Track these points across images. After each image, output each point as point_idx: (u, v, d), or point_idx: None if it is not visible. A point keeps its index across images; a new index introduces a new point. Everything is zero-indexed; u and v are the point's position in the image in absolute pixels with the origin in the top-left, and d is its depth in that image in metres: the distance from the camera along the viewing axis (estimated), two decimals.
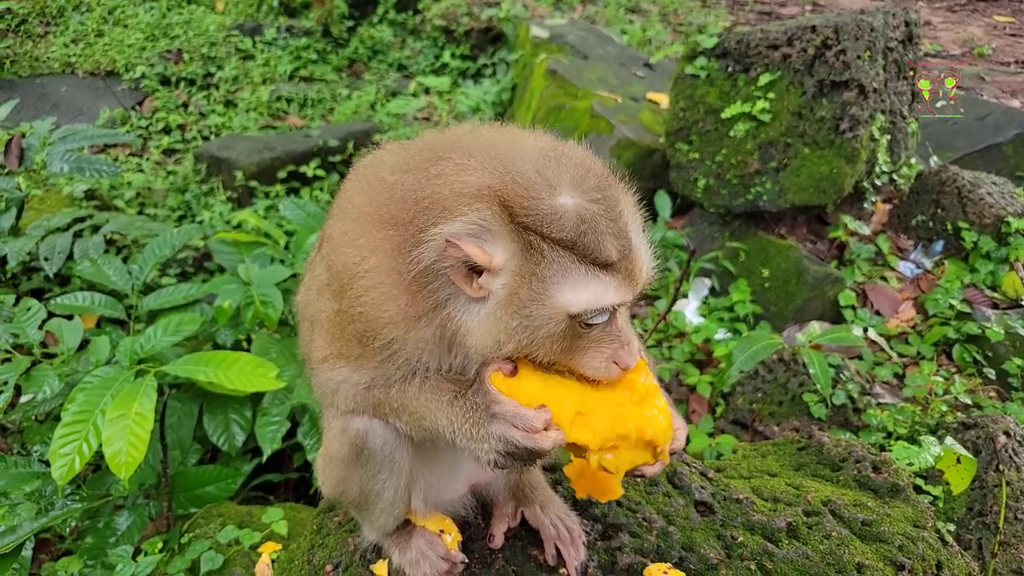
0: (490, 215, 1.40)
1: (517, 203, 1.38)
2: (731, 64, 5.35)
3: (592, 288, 1.40)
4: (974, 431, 3.27)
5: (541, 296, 1.40)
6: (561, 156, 1.46)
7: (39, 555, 3.51)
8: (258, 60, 9.73)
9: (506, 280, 1.42)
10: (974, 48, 9.75)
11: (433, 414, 1.60)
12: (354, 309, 1.57)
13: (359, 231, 1.57)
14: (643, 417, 1.52)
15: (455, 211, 1.41)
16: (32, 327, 3.52)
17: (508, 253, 1.41)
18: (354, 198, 1.65)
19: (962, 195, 5.23)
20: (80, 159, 4.56)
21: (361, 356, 1.64)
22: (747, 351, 3.79)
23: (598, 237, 1.38)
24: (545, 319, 1.42)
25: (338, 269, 1.62)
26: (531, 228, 1.38)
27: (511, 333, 1.44)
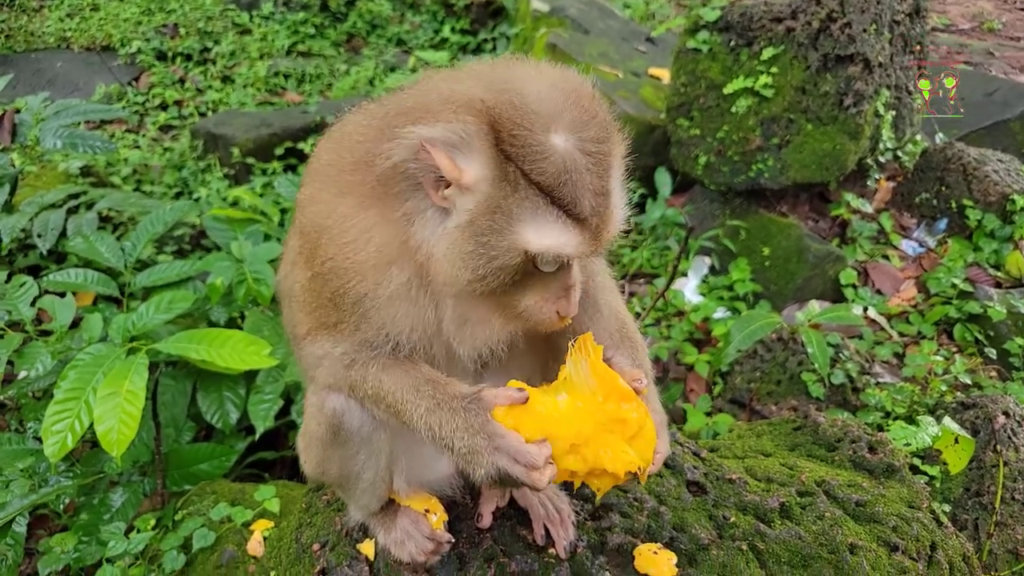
0: (474, 131, 1.34)
1: (507, 128, 1.32)
2: (734, 38, 5.26)
3: (557, 235, 1.36)
4: (973, 411, 3.25)
5: (503, 230, 1.36)
6: (570, 92, 1.39)
7: (37, 531, 3.53)
8: (255, 35, 9.62)
9: (471, 203, 1.37)
10: (983, 22, 9.59)
11: (420, 415, 1.58)
12: (325, 266, 1.54)
13: (325, 186, 1.55)
14: (630, 458, 1.53)
15: (438, 116, 1.36)
16: (25, 304, 3.50)
17: (480, 176, 1.35)
18: (320, 157, 1.63)
19: (967, 172, 5.16)
20: (74, 135, 4.50)
21: (339, 322, 1.60)
22: (745, 330, 3.77)
23: (577, 190, 1.34)
24: (503, 251, 1.37)
25: (308, 229, 1.58)
26: (512, 159, 1.33)
27: (466, 258, 1.39)
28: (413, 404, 1.58)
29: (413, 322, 1.57)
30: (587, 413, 1.55)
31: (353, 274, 1.51)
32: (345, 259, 1.51)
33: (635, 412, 1.56)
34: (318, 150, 1.68)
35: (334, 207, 1.52)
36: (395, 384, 1.61)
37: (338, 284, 1.54)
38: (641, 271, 5.55)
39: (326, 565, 2.08)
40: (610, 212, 1.42)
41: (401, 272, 1.50)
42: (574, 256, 1.40)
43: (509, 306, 1.52)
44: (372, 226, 1.48)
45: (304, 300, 1.68)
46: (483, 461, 1.50)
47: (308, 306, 1.67)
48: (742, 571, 2.03)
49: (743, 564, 2.05)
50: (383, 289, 1.51)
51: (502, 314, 1.54)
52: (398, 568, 1.98)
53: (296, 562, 2.20)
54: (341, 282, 1.53)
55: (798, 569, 2.09)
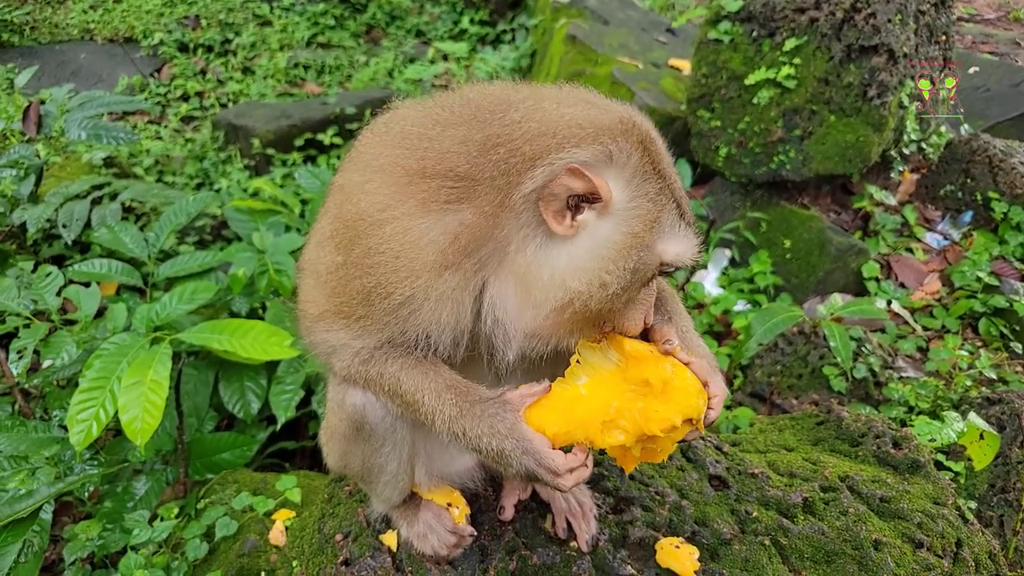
0: (629, 150, 1.43)
1: (653, 149, 1.46)
2: (756, 28, 5.21)
3: (685, 244, 1.50)
4: (999, 407, 3.20)
5: (654, 242, 1.46)
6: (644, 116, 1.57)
7: (61, 518, 3.58)
8: (276, 26, 9.65)
9: (618, 220, 1.44)
10: (1010, 12, 9.42)
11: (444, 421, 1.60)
12: (368, 259, 1.52)
13: (386, 180, 1.53)
14: (663, 415, 1.52)
15: (581, 141, 1.42)
16: (50, 294, 3.54)
17: (631, 192, 1.44)
18: (380, 150, 1.60)
19: (993, 164, 5.08)
20: (98, 126, 4.54)
21: (364, 317, 1.58)
22: (767, 323, 3.73)
23: (685, 200, 1.53)
24: (647, 264, 1.46)
25: (351, 218, 1.56)
26: (664, 177, 1.47)
27: (621, 275, 1.44)
28: (436, 409, 1.60)
29: (455, 322, 1.56)
30: (610, 386, 1.57)
31: (405, 274, 1.49)
32: (397, 258, 1.49)
33: (656, 371, 1.55)
34: (373, 143, 1.64)
35: (393, 202, 1.50)
36: (415, 386, 1.61)
37: (379, 280, 1.52)
38: None
39: (349, 556, 2.09)
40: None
41: (453, 277, 1.49)
42: (694, 259, 1.54)
43: (605, 319, 1.56)
44: (438, 230, 1.47)
45: (328, 283, 1.65)
46: (513, 462, 1.54)
47: (331, 290, 1.64)
48: (765, 566, 2.02)
49: (765, 559, 2.04)
50: (433, 291, 1.50)
51: (590, 326, 1.56)
52: (420, 560, 1.99)
53: (319, 552, 2.21)
54: (387, 280, 1.51)
55: (821, 565, 2.07)
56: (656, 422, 1.51)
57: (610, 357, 1.60)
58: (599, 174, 1.41)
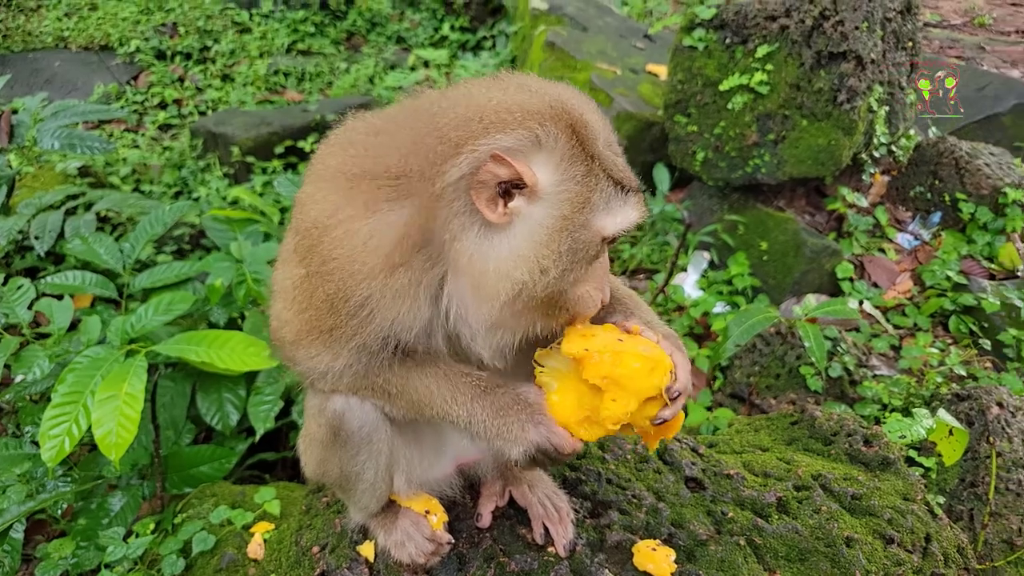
0: (555, 133, 1.42)
1: (581, 129, 1.45)
2: (729, 36, 5.27)
3: (626, 212, 1.50)
4: (968, 403, 3.27)
5: (589, 221, 1.45)
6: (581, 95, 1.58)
7: (34, 536, 3.52)
8: (255, 33, 9.61)
9: (549, 203, 1.43)
10: (975, 18, 9.60)
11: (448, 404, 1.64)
12: (325, 267, 1.54)
13: (332, 187, 1.56)
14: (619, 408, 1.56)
15: (507, 126, 1.41)
16: (22, 307, 3.49)
17: (559, 176, 1.43)
18: (327, 160, 1.63)
19: (960, 166, 5.18)
20: (72, 135, 4.49)
21: (334, 328, 1.59)
22: (743, 324, 3.77)
23: (625, 169, 1.53)
24: (587, 243, 1.46)
25: (307, 227, 1.58)
26: (595, 157, 1.46)
27: (558, 257, 1.44)
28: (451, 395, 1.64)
29: (414, 318, 1.57)
30: (574, 387, 1.62)
31: (361, 276, 1.51)
32: (351, 260, 1.51)
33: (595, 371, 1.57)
34: (322, 154, 1.67)
35: (340, 207, 1.52)
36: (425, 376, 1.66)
37: (339, 286, 1.53)
38: (641, 267, 5.56)
39: (326, 568, 2.09)
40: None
41: (406, 273, 1.50)
42: (639, 220, 1.53)
43: (558, 303, 1.54)
44: (383, 229, 1.49)
45: (294, 298, 1.66)
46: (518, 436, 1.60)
47: (298, 305, 1.65)
48: (740, 566, 2.05)
49: (741, 559, 2.07)
50: (388, 289, 1.51)
51: (546, 312, 1.56)
52: (398, 570, 1.99)
53: (296, 565, 2.21)
54: (344, 284, 1.53)
55: (795, 563, 2.10)
56: (610, 417, 1.56)
57: (565, 360, 1.63)
58: (526, 159, 1.40)
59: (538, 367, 1.66)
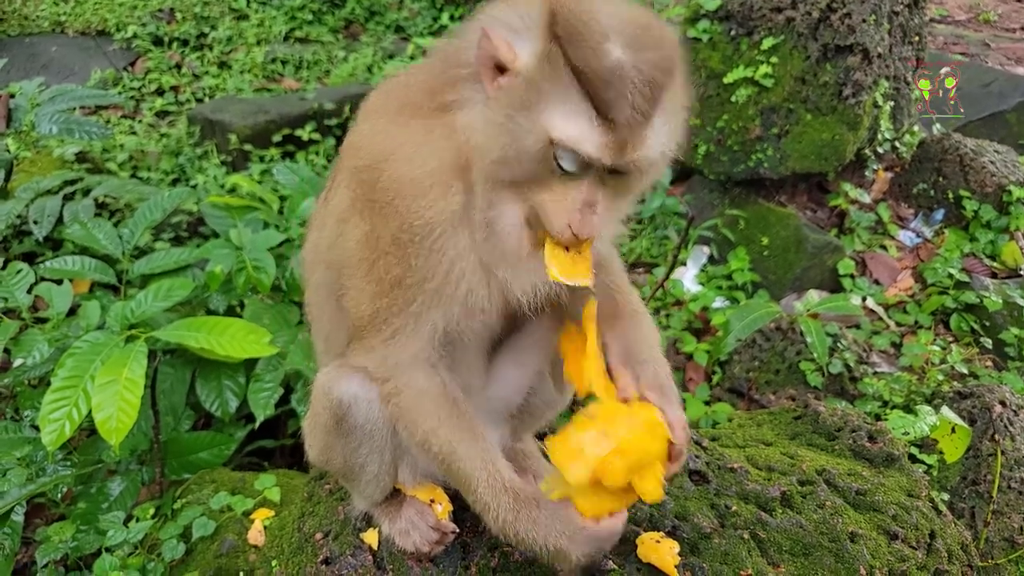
0: (531, 12, 1.38)
1: (566, 16, 1.32)
2: (734, 27, 5.25)
3: (581, 128, 1.35)
4: (970, 400, 3.26)
5: (533, 107, 1.36)
6: (644, 22, 1.39)
7: (34, 519, 3.52)
8: (252, 20, 9.53)
9: (519, 83, 1.38)
10: (980, 14, 9.58)
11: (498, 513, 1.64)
12: (388, 197, 1.52)
13: (389, 118, 1.58)
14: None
15: (506, 4, 1.43)
16: (21, 291, 3.47)
17: (529, 55, 1.37)
18: (381, 99, 1.66)
19: (964, 163, 5.17)
20: (70, 120, 4.46)
21: (402, 279, 1.56)
22: (744, 319, 3.76)
23: (617, 96, 1.32)
24: (527, 131, 1.37)
25: (365, 164, 1.58)
26: (562, 42, 1.32)
27: (496, 133, 1.40)
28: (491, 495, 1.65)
29: (475, 256, 1.56)
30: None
31: (419, 196, 1.49)
32: (410, 180, 1.50)
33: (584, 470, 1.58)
34: (375, 95, 1.70)
35: (397, 132, 1.53)
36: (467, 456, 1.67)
37: (403, 216, 1.51)
38: (640, 260, 5.55)
39: (329, 554, 2.08)
40: (645, 132, 1.38)
41: (460, 190, 1.50)
42: (593, 157, 1.37)
43: (528, 204, 1.49)
44: (433, 132, 1.49)
45: (361, 258, 1.62)
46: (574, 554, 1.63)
47: (366, 263, 1.61)
48: (744, 560, 2.04)
49: (745, 553, 2.06)
50: (447, 210, 1.50)
51: (524, 213, 1.51)
52: (402, 558, 1.98)
53: (298, 551, 2.20)
54: (408, 210, 1.51)
55: (799, 557, 2.10)
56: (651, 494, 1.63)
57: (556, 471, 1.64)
58: (508, 36, 1.39)
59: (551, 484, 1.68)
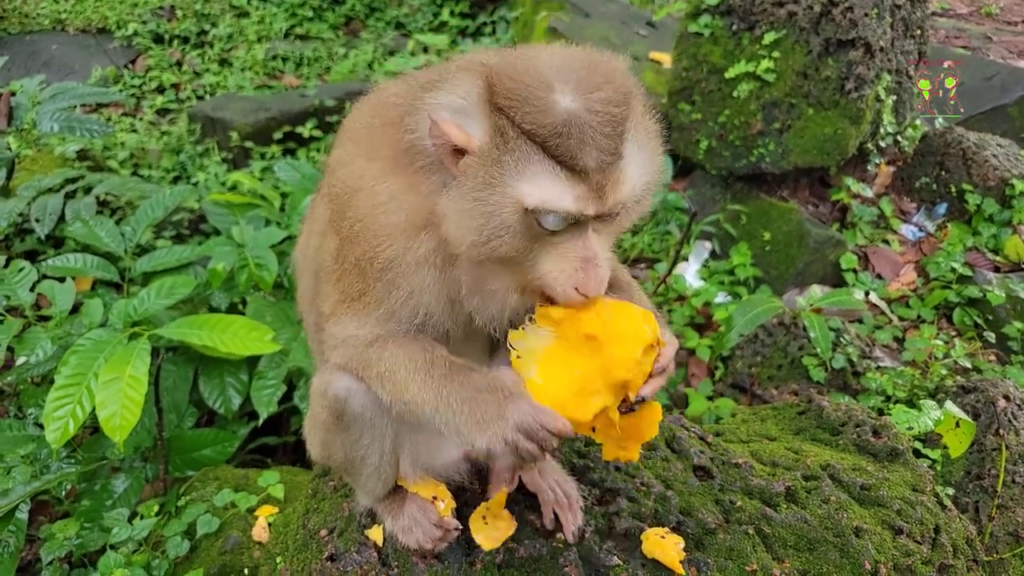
0: (471, 90, 1.37)
1: (503, 84, 1.32)
2: (736, 22, 5.23)
3: (552, 187, 1.33)
4: (974, 395, 3.26)
5: (497, 183, 1.34)
6: (587, 61, 1.37)
7: (37, 517, 3.52)
8: (253, 17, 9.53)
9: (479, 162, 1.36)
10: (981, 7, 9.56)
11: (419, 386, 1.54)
12: (354, 228, 1.54)
13: (357, 148, 1.58)
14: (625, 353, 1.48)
15: (446, 83, 1.40)
16: (24, 289, 3.47)
17: (481, 133, 1.36)
18: (355, 121, 1.66)
19: (967, 157, 5.16)
20: (71, 118, 4.46)
21: (363, 293, 1.58)
22: (747, 314, 3.76)
23: (579, 144, 1.30)
24: (499, 206, 1.35)
25: (337, 191, 1.60)
26: (504, 111, 1.32)
27: (469, 215, 1.38)
28: (425, 374, 1.54)
29: (439, 290, 1.56)
30: (560, 360, 1.51)
31: (383, 237, 1.51)
32: (375, 221, 1.51)
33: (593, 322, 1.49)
34: (352, 114, 1.71)
35: (365, 170, 1.54)
36: (409, 359, 1.56)
37: (366, 248, 1.53)
38: (642, 256, 5.54)
39: (334, 551, 2.08)
40: (619, 172, 1.36)
41: (430, 239, 1.50)
42: (571, 211, 1.34)
43: (526, 276, 1.48)
44: (403, 191, 1.49)
45: (331, 269, 1.67)
46: (498, 419, 1.46)
47: (334, 275, 1.66)
48: (749, 555, 2.04)
49: (750, 548, 2.06)
50: (411, 255, 1.51)
51: (520, 283, 1.50)
52: (407, 554, 1.99)
53: (303, 548, 2.20)
54: (370, 245, 1.53)
55: (804, 553, 2.10)
56: (621, 365, 1.46)
57: (541, 333, 1.53)
58: (457, 119, 1.37)
59: (513, 352, 1.54)
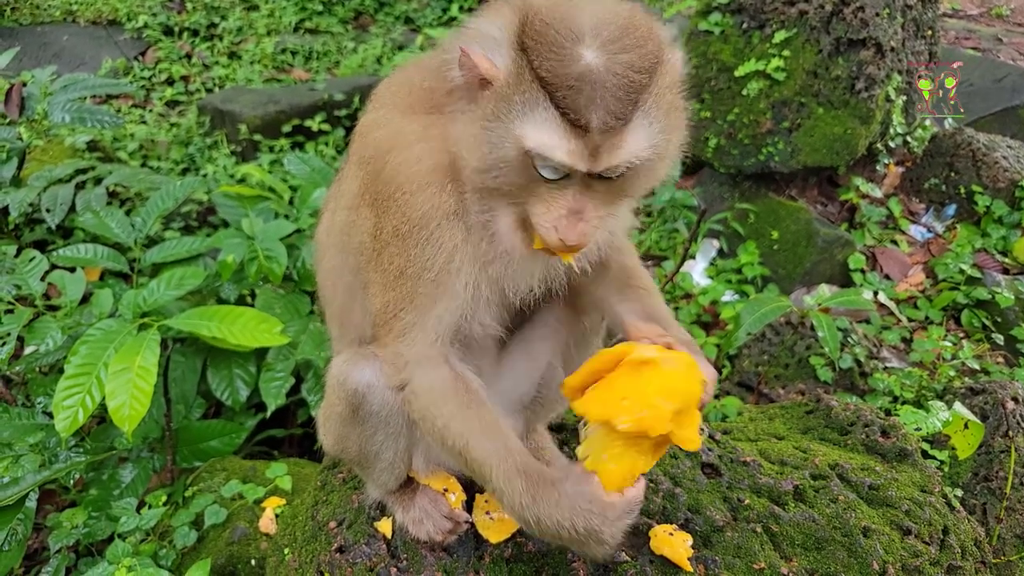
0: (503, 25, 1.39)
1: (533, 24, 1.34)
2: (746, 20, 5.22)
3: (551, 136, 1.34)
4: (982, 396, 3.25)
5: (504, 119, 1.38)
6: (626, 23, 1.36)
7: (44, 506, 3.54)
8: (262, 11, 9.54)
9: (494, 95, 1.39)
10: (992, 8, 9.50)
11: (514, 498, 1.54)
12: (389, 189, 1.54)
13: (393, 110, 1.59)
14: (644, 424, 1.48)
15: (486, 13, 1.44)
16: (34, 279, 3.49)
17: (507, 69, 1.38)
18: (390, 87, 1.67)
19: (976, 158, 5.14)
20: (82, 109, 4.48)
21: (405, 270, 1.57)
22: (756, 313, 3.75)
23: (588, 101, 1.30)
24: (502, 141, 1.39)
25: (371, 153, 1.60)
26: (527, 52, 1.34)
27: (476, 142, 1.42)
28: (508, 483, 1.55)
29: (472, 253, 1.57)
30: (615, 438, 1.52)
31: (416, 191, 1.52)
32: (408, 176, 1.52)
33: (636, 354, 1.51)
34: (386, 82, 1.73)
35: (400, 127, 1.55)
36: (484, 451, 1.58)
37: (402, 210, 1.54)
38: (649, 253, 5.54)
39: (344, 543, 2.08)
40: (622, 137, 1.35)
41: (455, 190, 1.53)
42: (566, 164, 1.36)
43: (523, 211, 1.51)
44: (431, 141, 1.52)
45: (371, 248, 1.64)
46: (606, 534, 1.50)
47: (375, 254, 1.63)
48: (756, 553, 2.04)
49: (757, 546, 2.06)
50: (443, 207, 1.52)
51: (520, 217, 1.53)
52: (416, 547, 1.99)
53: (312, 539, 2.20)
54: (405, 206, 1.53)
55: (812, 552, 2.09)
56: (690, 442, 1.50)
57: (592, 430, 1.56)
58: (486, 50, 1.40)
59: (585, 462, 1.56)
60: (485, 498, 2.04)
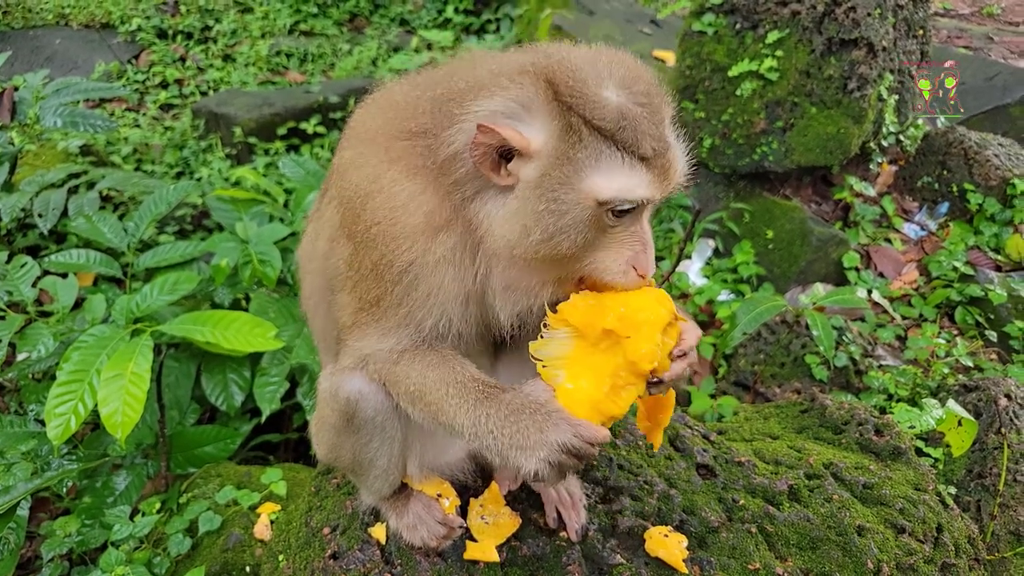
0: (533, 91, 1.38)
1: (563, 81, 1.36)
2: (739, 21, 5.22)
3: (625, 177, 1.39)
4: (975, 394, 3.26)
5: (572, 179, 1.38)
6: (613, 58, 1.45)
7: (37, 514, 3.52)
8: (257, 13, 9.52)
9: (539, 162, 1.39)
10: (983, 7, 9.53)
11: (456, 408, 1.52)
12: (370, 232, 1.53)
13: (373, 151, 1.56)
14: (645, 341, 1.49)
15: (492, 88, 1.40)
16: (26, 285, 3.47)
17: (546, 134, 1.39)
18: (366, 123, 1.63)
19: (968, 156, 5.15)
20: (74, 113, 4.45)
21: (380, 299, 1.57)
22: (751, 312, 3.76)
23: (637, 133, 1.37)
24: (573, 204, 1.39)
25: (349, 195, 1.58)
26: (574, 109, 1.36)
27: (538, 217, 1.40)
28: (460, 398, 1.53)
29: (456, 289, 1.56)
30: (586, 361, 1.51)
31: (402, 239, 1.51)
32: (393, 224, 1.50)
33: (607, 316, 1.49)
34: (361, 115, 1.69)
35: (381, 172, 1.53)
36: (440, 380, 1.57)
37: (383, 251, 1.53)
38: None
39: (337, 549, 2.08)
40: (673, 155, 1.46)
41: (449, 238, 1.51)
42: (645, 197, 1.41)
43: (572, 267, 1.50)
44: (422, 192, 1.49)
45: (346, 276, 1.65)
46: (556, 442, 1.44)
47: (350, 282, 1.64)
48: (751, 553, 2.04)
49: (752, 546, 2.06)
50: (431, 255, 1.51)
51: (561, 277, 1.53)
52: (410, 552, 1.99)
53: (306, 546, 2.20)
54: (388, 248, 1.52)
55: (807, 551, 2.10)
56: (645, 357, 1.47)
57: (560, 337, 1.53)
58: (515, 121, 1.39)
59: (537, 362, 1.54)
60: (480, 503, 2.04)
